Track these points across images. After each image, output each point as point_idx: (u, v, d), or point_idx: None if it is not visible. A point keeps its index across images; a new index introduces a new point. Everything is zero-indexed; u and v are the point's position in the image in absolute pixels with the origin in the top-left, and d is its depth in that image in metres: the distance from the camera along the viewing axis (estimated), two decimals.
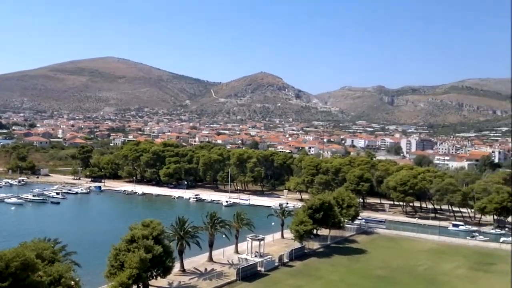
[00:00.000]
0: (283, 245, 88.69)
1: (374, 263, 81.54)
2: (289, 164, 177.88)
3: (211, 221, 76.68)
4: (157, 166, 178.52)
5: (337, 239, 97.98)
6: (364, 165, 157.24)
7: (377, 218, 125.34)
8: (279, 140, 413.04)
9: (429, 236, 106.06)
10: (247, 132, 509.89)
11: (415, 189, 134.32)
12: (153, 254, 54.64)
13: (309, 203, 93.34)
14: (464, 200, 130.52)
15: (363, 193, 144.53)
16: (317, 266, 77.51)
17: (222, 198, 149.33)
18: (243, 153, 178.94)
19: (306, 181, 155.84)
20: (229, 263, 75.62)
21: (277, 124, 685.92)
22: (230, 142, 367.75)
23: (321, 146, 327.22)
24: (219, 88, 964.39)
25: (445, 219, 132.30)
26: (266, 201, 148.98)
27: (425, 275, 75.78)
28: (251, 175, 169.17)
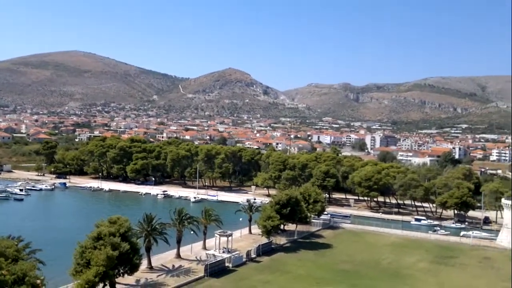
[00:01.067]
0: (251, 241, 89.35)
1: (340, 257, 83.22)
2: (257, 160, 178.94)
3: (179, 217, 76.58)
4: (124, 162, 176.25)
5: (303, 234, 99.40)
6: (330, 161, 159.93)
7: (342, 213, 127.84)
8: (247, 136, 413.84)
9: (393, 231, 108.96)
10: (215, 128, 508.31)
11: (379, 184, 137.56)
12: (120, 251, 54.25)
13: (277, 199, 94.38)
14: (426, 195, 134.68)
15: (329, 188, 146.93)
16: (284, 261, 78.48)
17: (190, 194, 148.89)
18: (211, 149, 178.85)
19: (274, 177, 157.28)
20: (197, 259, 75.77)
21: (245, 120, 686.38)
22: (198, 138, 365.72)
23: (288, 142, 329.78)
24: (187, 84, 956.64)
25: (408, 214, 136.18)
26: (234, 197, 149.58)
27: (388, 268, 77.82)
28: (219, 171, 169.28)
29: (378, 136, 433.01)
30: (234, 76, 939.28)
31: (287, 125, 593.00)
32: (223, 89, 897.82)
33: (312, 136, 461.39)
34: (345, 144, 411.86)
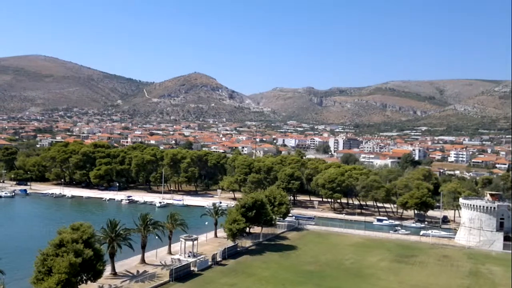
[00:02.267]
0: (217, 244, 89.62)
1: (304, 258, 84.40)
2: (223, 163, 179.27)
3: (144, 223, 76.10)
4: (87, 168, 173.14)
5: (269, 236, 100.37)
6: (294, 164, 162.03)
7: (307, 215, 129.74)
8: (213, 140, 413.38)
9: (356, 231, 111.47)
10: (181, 132, 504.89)
11: (343, 186, 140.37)
12: (83, 258, 53.70)
13: (242, 202, 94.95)
14: (387, 196, 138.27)
15: (293, 190, 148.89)
16: (250, 264, 79.05)
17: (156, 199, 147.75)
18: (177, 153, 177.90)
19: (239, 180, 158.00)
20: (162, 264, 75.45)
21: (211, 124, 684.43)
22: (163, 142, 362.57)
23: (253, 146, 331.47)
24: (152, 88, 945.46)
25: (370, 215, 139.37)
26: (200, 201, 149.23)
27: (351, 268, 79.45)
28: (185, 175, 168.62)
29: (341, 139, 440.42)
30: (200, 81, 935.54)
31: (253, 128, 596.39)
32: (189, 93, 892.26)
33: (277, 140, 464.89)
34: (309, 147, 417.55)
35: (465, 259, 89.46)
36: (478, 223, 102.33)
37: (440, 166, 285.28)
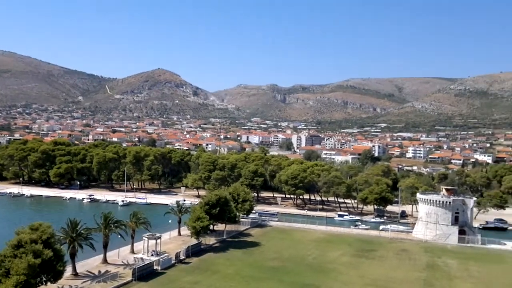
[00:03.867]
0: (180, 242, 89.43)
1: (268, 254, 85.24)
2: (187, 161, 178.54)
3: (105, 222, 75.22)
4: (46, 166, 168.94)
5: (232, 233, 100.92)
6: (258, 161, 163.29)
7: (270, 211, 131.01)
8: (177, 137, 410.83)
9: (318, 227, 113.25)
10: (144, 129, 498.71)
11: (305, 182, 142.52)
12: (43, 259, 52.77)
13: (206, 199, 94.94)
14: (348, 191, 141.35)
15: (257, 187, 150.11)
16: (214, 261, 79.25)
17: (118, 198, 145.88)
18: (140, 151, 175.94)
19: (204, 178, 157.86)
20: (124, 263, 74.82)
21: (175, 121, 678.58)
22: (126, 140, 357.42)
23: (218, 143, 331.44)
24: (114, 84, 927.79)
25: (331, 210, 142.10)
26: (163, 199, 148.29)
27: (313, 263, 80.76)
28: (148, 173, 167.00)
29: (304, 136, 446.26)
30: (164, 77, 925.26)
31: (217, 125, 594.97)
32: (152, 90, 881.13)
33: (241, 137, 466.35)
34: (273, 144, 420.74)
35: (422, 253, 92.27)
36: (435, 217, 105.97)
37: (398, 162, 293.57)
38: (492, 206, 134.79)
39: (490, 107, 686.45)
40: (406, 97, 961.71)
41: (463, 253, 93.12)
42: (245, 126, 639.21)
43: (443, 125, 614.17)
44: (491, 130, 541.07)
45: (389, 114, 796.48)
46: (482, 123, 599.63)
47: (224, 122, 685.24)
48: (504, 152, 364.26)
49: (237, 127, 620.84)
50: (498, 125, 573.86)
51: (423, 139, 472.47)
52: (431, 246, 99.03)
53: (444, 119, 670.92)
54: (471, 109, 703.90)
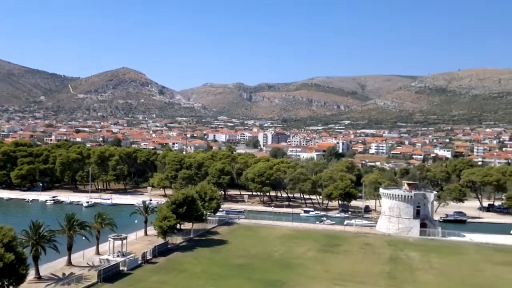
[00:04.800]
0: (147, 242, 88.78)
1: (235, 252, 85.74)
2: (153, 160, 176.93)
3: (69, 223, 73.93)
4: (7, 168, 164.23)
5: (200, 232, 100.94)
6: (225, 159, 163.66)
7: (237, 209, 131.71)
8: (143, 136, 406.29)
9: (284, 223, 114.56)
10: (109, 129, 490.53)
11: (271, 179, 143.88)
12: (4, 263, 51.60)
13: (173, 199, 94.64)
14: (313, 188, 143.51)
15: (224, 185, 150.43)
16: (181, 260, 79.12)
17: (83, 199, 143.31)
18: (105, 151, 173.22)
19: (170, 177, 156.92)
20: (89, 265, 73.82)
21: (141, 121, 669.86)
22: (90, 140, 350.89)
23: (184, 142, 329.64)
24: (77, 84, 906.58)
25: (297, 206, 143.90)
26: (129, 199, 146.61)
27: (280, 259, 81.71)
28: (113, 173, 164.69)
29: (270, 134, 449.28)
30: (128, 76, 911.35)
31: (183, 124, 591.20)
32: (117, 89, 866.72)
33: (208, 135, 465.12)
34: (240, 142, 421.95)
35: (386, 246, 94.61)
36: (397, 211, 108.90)
37: (362, 158, 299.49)
38: (452, 200, 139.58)
39: (449, 104, 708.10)
40: (368, 95, 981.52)
41: (425, 246, 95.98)
42: (211, 125, 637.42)
43: (405, 122, 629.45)
44: (450, 126, 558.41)
45: (353, 111, 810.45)
46: (441, 119, 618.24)
47: (191, 121, 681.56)
48: (462, 147, 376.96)
49: (203, 125, 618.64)
50: (457, 121, 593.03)
51: (386, 136, 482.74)
52: (394, 239, 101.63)
53: (406, 115, 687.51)
54: (431, 106, 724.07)
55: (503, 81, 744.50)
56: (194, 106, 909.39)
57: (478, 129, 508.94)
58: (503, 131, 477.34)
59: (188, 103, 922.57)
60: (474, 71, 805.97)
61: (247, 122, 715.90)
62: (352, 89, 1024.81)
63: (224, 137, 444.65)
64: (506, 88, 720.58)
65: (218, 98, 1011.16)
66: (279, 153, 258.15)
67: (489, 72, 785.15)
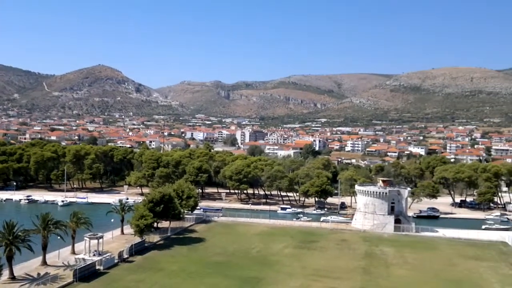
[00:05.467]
0: (124, 241, 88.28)
1: (212, 250, 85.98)
2: (130, 159, 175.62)
3: (44, 223, 73.05)
4: None
5: (177, 230, 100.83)
6: (203, 157, 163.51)
7: (215, 206, 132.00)
8: (119, 134, 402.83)
9: (261, 220, 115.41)
10: (85, 127, 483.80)
11: (249, 177, 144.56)
12: None
13: (150, 197, 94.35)
14: (290, 185, 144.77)
15: (202, 183, 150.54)
16: (158, 259, 78.95)
17: (58, 198, 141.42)
18: (80, 149, 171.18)
19: (147, 175, 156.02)
20: (65, 265, 73.10)
21: (117, 119, 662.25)
22: (65, 138, 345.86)
23: (162, 140, 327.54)
24: (52, 81, 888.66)
25: (274, 204, 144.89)
26: (105, 198, 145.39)
27: (258, 256, 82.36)
28: (89, 172, 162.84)
29: (248, 131, 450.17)
30: (105, 73, 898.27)
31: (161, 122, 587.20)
32: (93, 86, 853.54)
33: (186, 133, 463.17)
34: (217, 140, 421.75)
35: (361, 242, 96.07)
36: (372, 207, 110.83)
37: (338, 155, 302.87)
38: (425, 196, 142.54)
39: (423, 102, 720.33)
40: (345, 93, 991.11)
41: (399, 241, 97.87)
42: (189, 123, 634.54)
43: (380, 120, 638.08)
44: (424, 123, 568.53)
45: (329, 109, 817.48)
46: (415, 117, 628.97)
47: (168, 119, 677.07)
48: (436, 144, 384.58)
49: (181, 123, 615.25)
50: (430, 119, 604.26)
51: (361, 133, 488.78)
52: (369, 235, 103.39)
53: (381, 113, 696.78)
54: (406, 104, 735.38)
55: (475, 79, 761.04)
56: (171, 104, 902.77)
57: (451, 127, 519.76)
58: (475, 129, 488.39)
59: (165, 101, 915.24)
60: (447, 69, 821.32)
61: (225, 120, 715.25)
62: (328, 87, 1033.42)
63: (201, 135, 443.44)
64: (478, 86, 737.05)
65: (195, 96, 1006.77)
66: (256, 151, 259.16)
67: (462, 71, 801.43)
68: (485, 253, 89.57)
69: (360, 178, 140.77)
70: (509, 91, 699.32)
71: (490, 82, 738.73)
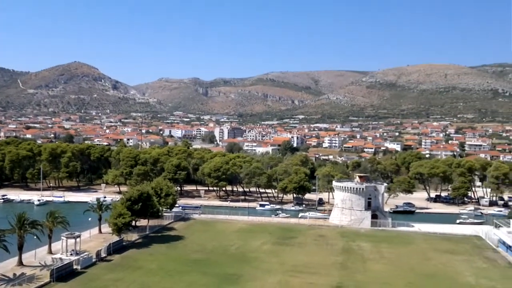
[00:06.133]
0: (101, 240, 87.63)
1: (191, 247, 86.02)
2: (107, 157, 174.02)
3: (20, 222, 72.03)
4: None
5: (155, 228, 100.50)
6: (181, 154, 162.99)
7: (193, 204, 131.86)
8: (96, 132, 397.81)
9: (240, 217, 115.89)
10: (61, 125, 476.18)
11: (227, 174, 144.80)
12: None
13: (128, 195, 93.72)
14: (269, 181, 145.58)
15: (180, 181, 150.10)
16: (136, 257, 78.60)
17: (34, 197, 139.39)
18: (56, 147, 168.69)
19: (125, 173, 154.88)
20: (41, 265, 72.24)
21: (94, 116, 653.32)
22: (41, 136, 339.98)
23: (139, 137, 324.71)
24: (27, 78, 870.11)
25: (253, 200, 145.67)
26: (82, 197, 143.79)
27: (236, 253, 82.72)
28: (65, 170, 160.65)
29: (226, 129, 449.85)
30: (81, 70, 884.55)
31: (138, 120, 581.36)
32: (69, 83, 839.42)
33: (164, 131, 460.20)
34: (196, 137, 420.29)
35: (339, 238, 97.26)
36: (349, 203, 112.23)
37: (315, 151, 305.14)
38: (401, 191, 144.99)
39: (398, 98, 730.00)
40: (322, 90, 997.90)
41: (376, 236, 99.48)
42: (167, 120, 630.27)
43: (356, 116, 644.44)
44: (400, 119, 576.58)
45: (307, 106, 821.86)
46: (391, 114, 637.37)
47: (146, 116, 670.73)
48: (411, 140, 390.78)
49: (159, 121, 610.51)
50: (406, 115, 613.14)
51: (338, 130, 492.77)
52: (347, 231, 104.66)
53: (357, 110, 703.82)
54: (381, 100, 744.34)
55: (449, 76, 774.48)
56: (149, 101, 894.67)
57: (425, 123, 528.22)
58: (449, 125, 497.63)
59: (143, 98, 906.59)
60: (422, 66, 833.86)
61: (203, 117, 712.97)
62: (306, 84, 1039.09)
63: (180, 132, 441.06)
64: (452, 83, 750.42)
65: (173, 93, 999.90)
66: (235, 148, 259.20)
67: (436, 67, 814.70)
68: (460, 247, 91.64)
69: (338, 174, 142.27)
70: (482, 87, 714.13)
71: (463, 79, 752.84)
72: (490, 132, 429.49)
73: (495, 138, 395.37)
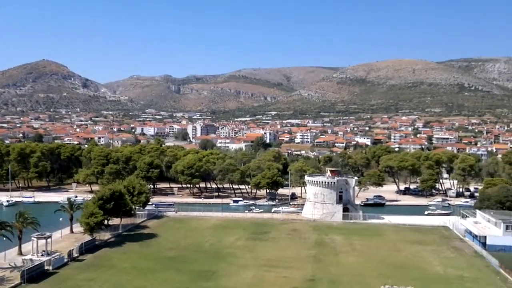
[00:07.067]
0: (73, 240, 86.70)
1: (165, 245, 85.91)
2: (78, 156, 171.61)
3: None
4: None
5: (128, 226, 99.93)
6: (154, 152, 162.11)
7: (167, 202, 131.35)
8: (66, 131, 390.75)
9: (214, 214, 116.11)
10: (30, 124, 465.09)
11: (201, 171, 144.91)
12: None
13: (99, 194, 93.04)
14: (242, 178, 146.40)
15: (153, 179, 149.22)
16: (109, 256, 78.09)
17: (3, 198, 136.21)
18: (25, 147, 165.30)
19: (96, 172, 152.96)
20: (12, 266, 71.09)
21: (64, 115, 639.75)
22: (9, 136, 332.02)
23: (111, 136, 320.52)
24: None
25: (226, 197, 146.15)
26: (53, 197, 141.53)
27: (211, 250, 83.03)
28: (35, 170, 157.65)
29: (199, 126, 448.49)
30: (49, 68, 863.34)
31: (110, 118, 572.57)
32: (37, 82, 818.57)
33: (136, 129, 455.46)
34: (169, 135, 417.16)
35: (311, 231, 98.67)
36: (321, 197, 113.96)
37: (288, 147, 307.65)
38: (371, 184, 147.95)
39: (368, 94, 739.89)
40: (293, 86, 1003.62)
41: (347, 229, 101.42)
42: (139, 118, 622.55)
43: (327, 111, 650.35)
44: (370, 114, 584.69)
45: (279, 102, 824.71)
46: (361, 109, 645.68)
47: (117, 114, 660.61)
48: (381, 134, 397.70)
49: (131, 119, 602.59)
50: (375, 110, 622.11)
51: (310, 125, 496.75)
52: (319, 224, 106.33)
53: (328, 105, 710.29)
54: (352, 96, 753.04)
55: (417, 71, 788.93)
56: (120, 99, 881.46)
57: (395, 117, 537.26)
58: (417, 119, 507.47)
59: (114, 96, 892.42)
60: (391, 62, 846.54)
61: (176, 114, 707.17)
62: (278, 80, 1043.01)
63: (152, 130, 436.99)
64: (420, 78, 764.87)
65: (145, 90, 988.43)
66: (208, 145, 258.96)
67: (404, 63, 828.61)
68: (428, 238, 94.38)
69: (310, 169, 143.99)
70: (448, 82, 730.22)
71: (431, 74, 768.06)
72: (457, 126, 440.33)
73: (461, 131, 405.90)
